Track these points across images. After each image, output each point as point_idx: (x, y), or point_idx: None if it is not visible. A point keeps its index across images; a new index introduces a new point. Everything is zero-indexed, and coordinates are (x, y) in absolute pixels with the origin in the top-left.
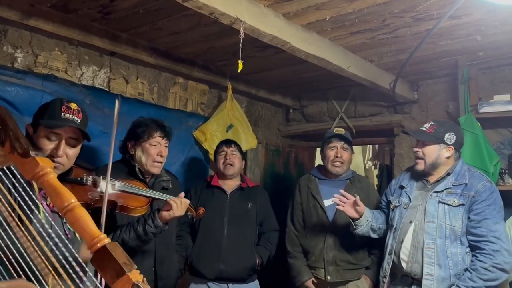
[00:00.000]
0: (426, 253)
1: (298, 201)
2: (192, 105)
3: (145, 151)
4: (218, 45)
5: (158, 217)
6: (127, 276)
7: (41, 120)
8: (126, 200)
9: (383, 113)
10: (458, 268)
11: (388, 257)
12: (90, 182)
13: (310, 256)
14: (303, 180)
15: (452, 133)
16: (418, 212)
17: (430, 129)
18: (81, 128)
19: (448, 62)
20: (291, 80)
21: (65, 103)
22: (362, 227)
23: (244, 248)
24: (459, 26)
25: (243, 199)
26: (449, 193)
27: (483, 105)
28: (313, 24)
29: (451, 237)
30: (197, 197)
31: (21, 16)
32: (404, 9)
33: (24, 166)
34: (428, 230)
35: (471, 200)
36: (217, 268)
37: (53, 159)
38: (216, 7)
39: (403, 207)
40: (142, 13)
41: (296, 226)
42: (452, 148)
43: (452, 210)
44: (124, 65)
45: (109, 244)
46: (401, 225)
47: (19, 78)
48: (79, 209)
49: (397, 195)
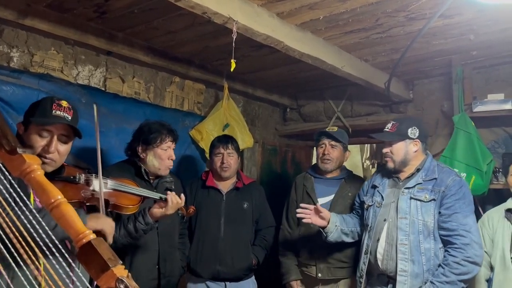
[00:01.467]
0: (400, 249)
1: (293, 198)
2: (189, 105)
3: (158, 156)
4: (214, 45)
5: (149, 214)
6: (112, 271)
7: (32, 118)
8: (118, 199)
9: (379, 112)
10: (430, 263)
11: (364, 256)
12: (83, 181)
13: (302, 253)
14: (299, 178)
15: (414, 127)
16: (391, 210)
17: (393, 128)
18: (72, 124)
19: (442, 62)
20: (287, 79)
21: (55, 101)
22: (332, 233)
23: (241, 249)
24: (451, 26)
25: (239, 199)
26: (420, 188)
27: (477, 104)
28: (307, 24)
29: (424, 232)
30: (193, 196)
31: (17, 16)
32: (397, 8)
33: (12, 163)
34: (401, 227)
35: (442, 194)
36: (214, 269)
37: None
38: (209, 6)
39: (377, 205)
40: (137, 13)
41: (290, 223)
42: (418, 141)
43: (424, 205)
44: (120, 65)
45: (94, 240)
46: (376, 224)
47: (15, 78)
48: (65, 205)
49: (370, 195)
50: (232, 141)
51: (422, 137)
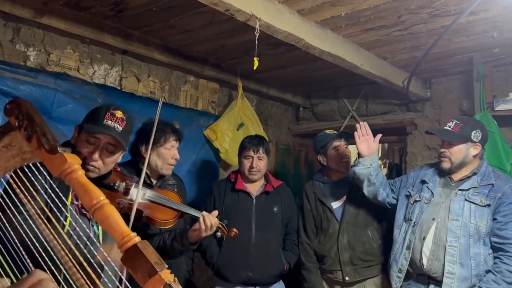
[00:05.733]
0: (448, 251)
1: (308, 208)
2: (203, 104)
3: (161, 155)
4: (230, 43)
5: (187, 237)
6: (159, 276)
7: (84, 123)
8: (152, 211)
9: (395, 111)
10: (480, 268)
11: (406, 252)
12: (122, 189)
13: (326, 260)
14: (308, 186)
15: (478, 130)
16: (441, 209)
17: (456, 128)
18: (117, 137)
19: (462, 59)
20: (301, 78)
21: (111, 110)
22: (363, 167)
23: (272, 255)
24: (475, 23)
25: (269, 203)
26: (476, 192)
27: (499, 103)
28: (327, 21)
29: (475, 236)
30: (221, 201)
31: (34, 14)
32: (421, 5)
33: (52, 163)
34: (451, 228)
35: (498, 201)
36: (246, 275)
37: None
38: (232, 3)
39: (425, 202)
40: (155, 11)
41: (309, 234)
42: (479, 145)
43: (478, 209)
44: (135, 64)
45: (140, 243)
46: (421, 221)
47: (32, 77)
48: (109, 206)
49: (418, 190)
50: (264, 143)
51: (483, 141)
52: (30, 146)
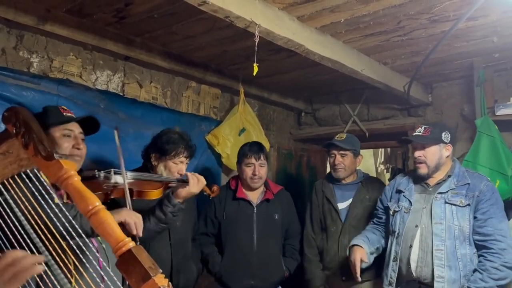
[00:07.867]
0: (436, 256)
1: (316, 203)
2: (205, 109)
3: (168, 168)
4: (232, 49)
5: (174, 196)
6: (153, 281)
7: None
8: (141, 185)
9: (397, 116)
10: (467, 269)
11: (393, 264)
12: (103, 177)
13: (325, 256)
14: (318, 184)
15: (447, 131)
16: (423, 215)
17: (426, 132)
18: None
19: (463, 64)
20: (303, 83)
21: (58, 107)
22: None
23: (274, 262)
24: (475, 28)
25: (270, 211)
26: (455, 194)
27: (500, 107)
28: (327, 27)
29: (460, 238)
30: (222, 207)
31: (37, 21)
32: (420, 10)
33: (48, 169)
34: (436, 232)
35: (476, 199)
36: (248, 283)
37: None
38: (231, 10)
39: (404, 211)
40: (157, 17)
41: (314, 228)
42: (450, 146)
43: (459, 210)
44: (138, 70)
45: (134, 248)
46: (405, 230)
47: (35, 83)
48: (104, 212)
49: (395, 200)
50: (263, 150)
51: (453, 142)
52: (27, 153)
